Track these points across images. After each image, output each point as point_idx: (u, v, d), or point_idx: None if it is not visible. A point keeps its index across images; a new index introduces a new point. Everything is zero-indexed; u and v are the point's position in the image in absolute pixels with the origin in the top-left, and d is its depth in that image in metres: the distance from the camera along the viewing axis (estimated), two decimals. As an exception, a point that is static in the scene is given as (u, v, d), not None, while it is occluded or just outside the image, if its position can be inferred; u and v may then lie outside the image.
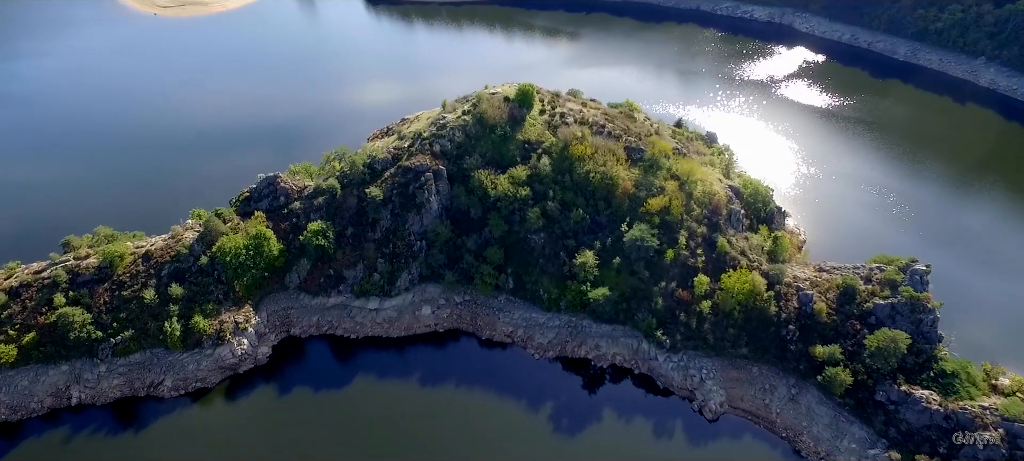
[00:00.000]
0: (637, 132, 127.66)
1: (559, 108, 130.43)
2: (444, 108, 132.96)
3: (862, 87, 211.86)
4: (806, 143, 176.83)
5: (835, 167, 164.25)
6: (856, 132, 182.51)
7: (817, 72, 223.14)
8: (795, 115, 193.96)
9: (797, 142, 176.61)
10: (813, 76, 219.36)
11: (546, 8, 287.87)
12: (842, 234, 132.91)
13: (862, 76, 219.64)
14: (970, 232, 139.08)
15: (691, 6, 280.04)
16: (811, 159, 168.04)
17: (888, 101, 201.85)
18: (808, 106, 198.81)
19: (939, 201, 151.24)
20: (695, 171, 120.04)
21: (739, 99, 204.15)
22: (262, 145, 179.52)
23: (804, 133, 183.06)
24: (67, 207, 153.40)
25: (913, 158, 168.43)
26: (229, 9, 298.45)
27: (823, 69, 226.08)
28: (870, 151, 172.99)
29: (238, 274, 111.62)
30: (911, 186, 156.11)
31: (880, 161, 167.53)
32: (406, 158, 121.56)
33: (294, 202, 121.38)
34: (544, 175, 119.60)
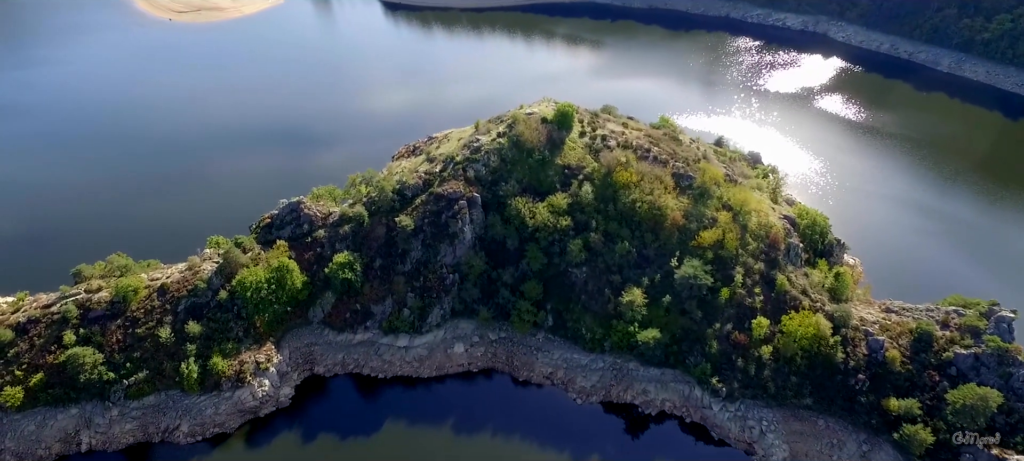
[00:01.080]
0: (685, 157, 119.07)
1: (600, 130, 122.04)
2: (477, 129, 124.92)
3: (905, 101, 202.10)
4: (850, 162, 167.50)
5: (886, 190, 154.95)
6: (904, 150, 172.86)
7: (856, 84, 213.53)
8: (836, 131, 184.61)
9: (841, 161, 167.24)
10: (852, 88, 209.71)
11: (570, 15, 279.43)
12: (904, 268, 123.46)
13: (904, 89, 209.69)
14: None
15: (720, 13, 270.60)
16: (858, 180, 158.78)
17: (934, 116, 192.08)
18: (849, 121, 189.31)
19: (1007, 232, 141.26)
20: (749, 201, 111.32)
21: (775, 113, 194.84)
22: (281, 160, 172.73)
23: (848, 151, 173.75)
24: (79, 227, 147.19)
25: (969, 181, 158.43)
26: (245, 15, 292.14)
27: (862, 81, 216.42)
28: (921, 172, 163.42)
29: (259, 310, 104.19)
30: (974, 214, 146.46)
31: (933, 184, 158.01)
32: (438, 184, 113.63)
33: (318, 230, 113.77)
34: (586, 204, 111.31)
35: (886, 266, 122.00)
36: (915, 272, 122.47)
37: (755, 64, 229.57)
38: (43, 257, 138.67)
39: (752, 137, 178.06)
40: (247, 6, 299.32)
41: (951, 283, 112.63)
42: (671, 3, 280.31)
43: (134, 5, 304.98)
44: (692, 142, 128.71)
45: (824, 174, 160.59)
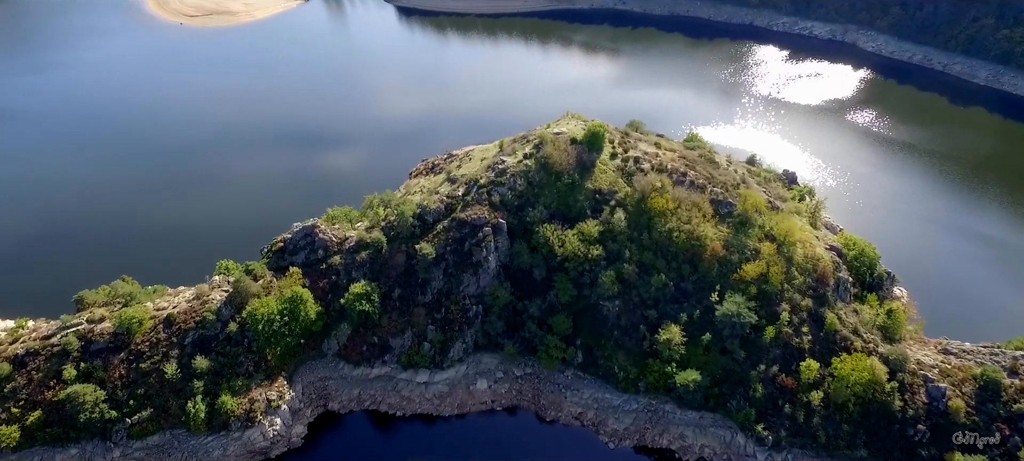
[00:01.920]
0: (723, 181, 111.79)
1: (632, 151, 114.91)
2: (501, 149, 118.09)
3: (941, 115, 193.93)
4: (889, 182, 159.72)
5: (929, 212, 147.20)
6: (946, 169, 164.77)
7: (889, 96, 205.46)
8: (871, 147, 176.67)
9: (878, 180, 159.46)
10: (885, 101, 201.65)
11: (589, 22, 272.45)
12: (958, 303, 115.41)
13: (940, 102, 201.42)
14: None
15: (744, 21, 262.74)
16: (898, 202, 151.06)
17: (974, 132, 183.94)
18: (884, 136, 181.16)
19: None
20: (794, 230, 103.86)
21: (805, 127, 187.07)
22: (294, 172, 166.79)
23: (885, 169, 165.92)
24: (85, 239, 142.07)
25: (1019, 204, 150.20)
26: (257, 19, 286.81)
27: (895, 93, 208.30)
28: (967, 193, 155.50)
29: (271, 343, 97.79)
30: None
31: (983, 207, 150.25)
32: (461, 208, 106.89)
33: (334, 256, 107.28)
34: (619, 232, 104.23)
35: (938, 300, 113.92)
36: (971, 307, 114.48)
37: (782, 74, 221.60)
38: (48, 269, 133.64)
39: (782, 153, 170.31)
40: (259, 10, 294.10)
41: (1013, 321, 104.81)
42: (693, 10, 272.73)
43: (145, 8, 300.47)
44: (729, 164, 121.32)
45: (862, 195, 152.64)
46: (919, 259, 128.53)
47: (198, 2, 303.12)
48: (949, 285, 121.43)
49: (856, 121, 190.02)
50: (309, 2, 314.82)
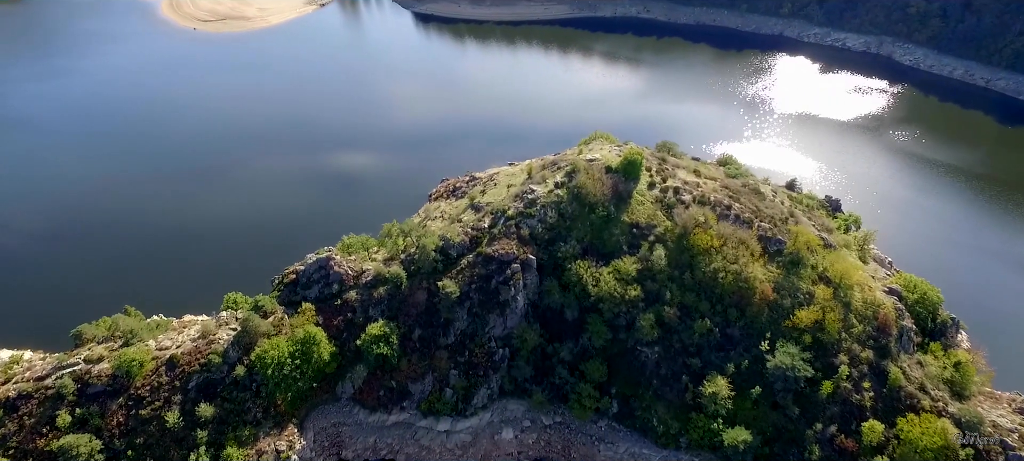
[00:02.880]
0: (770, 215, 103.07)
1: (671, 180, 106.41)
2: (530, 175, 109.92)
3: (988, 135, 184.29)
4: (937, 208, 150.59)
5: (985, 243, 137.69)
6: (995, 195, 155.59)
7: (930, 114, 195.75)
8: (914, 169, 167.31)
9: (926, 207, 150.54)
10: (926, 119, 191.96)
11: (612, 31, 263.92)
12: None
13: (986, 122, 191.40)
14: None
15: (774, 31, 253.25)
16: (950, 230, 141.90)
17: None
18: (928, 159, 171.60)
19: None
20: (851, 272, 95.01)
21: (841, 147, 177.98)
22: (308, 188, 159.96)
23: (931, 193, 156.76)
24: (89, 264, 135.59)
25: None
26: (271, 25, 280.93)
27: (936, 111, 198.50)
28: (1020, 223, 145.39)
29: (280, 388, 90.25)
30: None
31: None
32: (487, 242, 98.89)
33: (350, 291, 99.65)
34: (658, 271, 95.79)
35: (1005, 347, 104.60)
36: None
37: (814, 89, 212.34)
38: (52, 288, 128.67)
39: (819, 175, 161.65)
40: (273, 16, 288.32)
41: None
42: (720, 19, 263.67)
43: (159, 13, 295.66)
44: (775, 196, 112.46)
45: (909, 223, 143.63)
46: (978, 298, 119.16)
47: (212, 7, 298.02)
48: (1015, 329, 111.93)
49: (896, 141, 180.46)
50: (324, 7, 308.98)
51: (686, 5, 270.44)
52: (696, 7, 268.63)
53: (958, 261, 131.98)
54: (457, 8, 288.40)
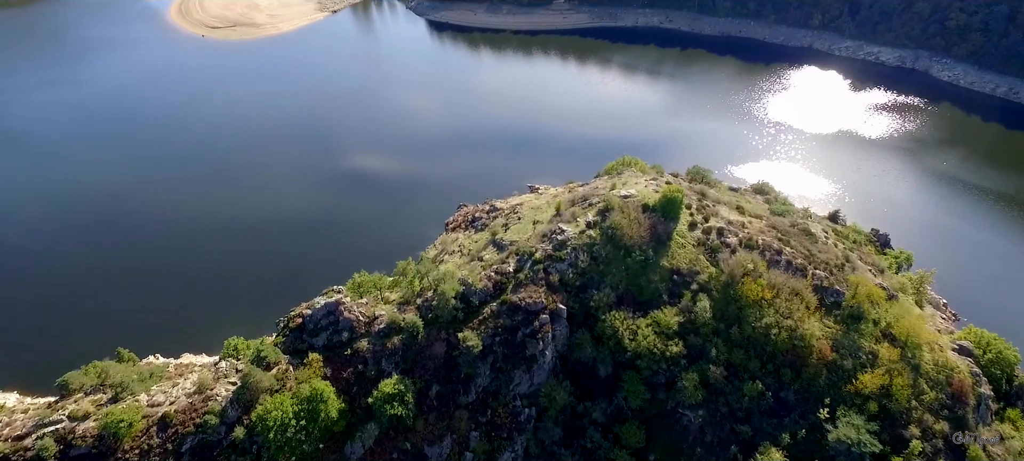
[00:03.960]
0: (825, 261, 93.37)
1: (713, 220, 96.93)
2: (558, 212, 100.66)
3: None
4: (987, 241, 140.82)
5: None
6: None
7: (972, 135, 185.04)
8: (963, 198, 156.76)
9: (975, 240, 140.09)
10: (969, 141, 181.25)
11: (634, 41, 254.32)
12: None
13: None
14: None
15: (803, 44, 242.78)
16: (1004, 268, 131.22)
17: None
18: (973, 185, 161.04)
19: None
20: (918, 329, 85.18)
21: (879, 170, 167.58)
22: (315, 209, 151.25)
23: (981, 225, 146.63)
24: (84, 294, 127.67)
25: None
26: (282, 32, 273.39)
27: (979, 131, 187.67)
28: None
29: (283, 451, 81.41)
30: None
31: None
32: (512, 289, 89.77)
33: (361, 340, 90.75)
34: (702, 324, 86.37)
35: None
36: None
37: (848, 105, 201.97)
38: (42, 320, 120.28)
39: (860, 203, 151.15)
40: (284, 23, 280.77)
41: None
42: (746, 30, 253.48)
43: (168, 19, 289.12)
44: (827, 237, 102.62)
45: (962, 256, 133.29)
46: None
47: (222, 12, 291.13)
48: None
49: (940, 164, 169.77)
50: (336, 14, 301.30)
51: (710, 15, 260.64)
52: (721, 17, 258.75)
53: (1018, 302, 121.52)
54: (472, 16, 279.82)
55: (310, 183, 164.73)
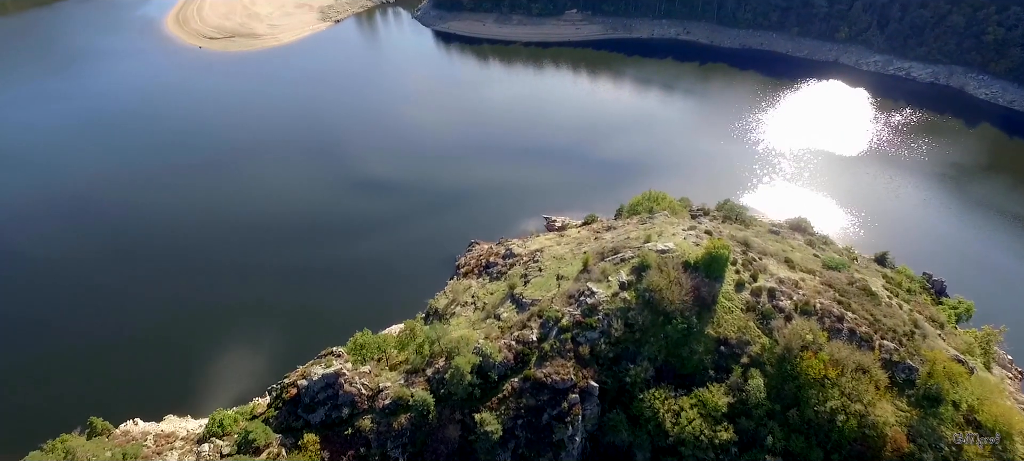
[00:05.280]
0: (892, 328, 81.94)
1: (762, 278, 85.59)
2: (586, 268, 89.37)
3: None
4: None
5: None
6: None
7: (1019, 160, 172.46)
8: (1013, 232, 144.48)
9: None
10: (1017, 167, 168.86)
11: (650, 54, 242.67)
12: None
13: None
14: None
15: (828, 58, 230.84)
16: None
17: None
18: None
19: None
20: (1010, 416, 73.58)
21: (919, 201, 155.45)
22: (309, 248, 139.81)
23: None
24: (59, 340, 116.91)
25: None
26: (282, 43, 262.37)
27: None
28: None
29: (274, 555, 70.60)
30: None
31: None
32: (536, 362, 78.66)
33: (363, 416, 79.79)
34: (756, 405, 75.11)
35: None
36: None
37: (879, 125, 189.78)
38: (13, 377, 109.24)
39: (898, 235, 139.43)
40: (285, 33, 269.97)
41: None
42: (768, 43, 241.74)
43: (164, 29, 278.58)
44: (890, 297, 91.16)
45: (1020, 303, 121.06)
46: None
47: (220, 22, 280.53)
48: None
49: (984, 193, 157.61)
50: (339, 24, 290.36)
51: (730, 27, 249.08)
52: (741, 29, 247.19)
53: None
54: (481, 27, 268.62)
55: (308, 210, 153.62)
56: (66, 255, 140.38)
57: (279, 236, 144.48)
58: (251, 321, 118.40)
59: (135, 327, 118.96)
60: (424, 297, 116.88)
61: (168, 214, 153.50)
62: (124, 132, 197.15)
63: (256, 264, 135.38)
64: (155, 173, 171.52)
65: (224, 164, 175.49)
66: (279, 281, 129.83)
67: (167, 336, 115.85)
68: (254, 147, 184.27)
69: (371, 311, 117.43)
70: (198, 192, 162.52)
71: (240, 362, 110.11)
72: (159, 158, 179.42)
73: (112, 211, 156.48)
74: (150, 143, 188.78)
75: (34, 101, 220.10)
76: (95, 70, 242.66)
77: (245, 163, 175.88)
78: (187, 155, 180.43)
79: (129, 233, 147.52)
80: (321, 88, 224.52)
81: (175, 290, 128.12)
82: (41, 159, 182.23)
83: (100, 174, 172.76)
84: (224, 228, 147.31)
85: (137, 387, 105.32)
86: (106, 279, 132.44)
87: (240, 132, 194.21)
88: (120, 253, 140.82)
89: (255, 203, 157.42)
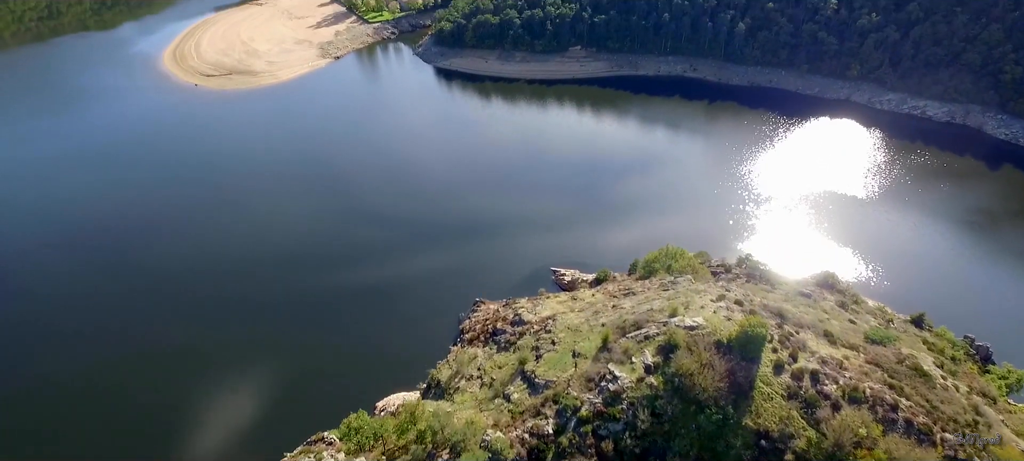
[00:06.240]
0: (952, 416, 73.14)
1: (802, 357, 76.93)
2: (605, 345, 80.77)
3: None
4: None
5: None
6: None
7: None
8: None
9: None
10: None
11: (657, 92, 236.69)
12: None
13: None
14: None
15: (840, 96, 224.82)
16: None
17: None
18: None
19: None
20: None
21: (949, 252, 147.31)
22: (297, 316, 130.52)
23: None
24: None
25: None
26: (280, 81, 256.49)
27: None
28: None
29: None
30: None
31: None
32: (553, 458, 69.64)
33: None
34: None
35: None
36: None
37: (896, 167, 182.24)
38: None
39: (930, 292, 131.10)
40: (284, 70, 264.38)
41: None
42: (777, 81, 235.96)
43: (160, 66, 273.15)
44: (942, 377, 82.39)
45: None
46: None
47: (218, 59, 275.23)
48: None
49: (1020, 244, 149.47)
50: (339, 61, 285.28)
51: (738, 64, 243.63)
52: (750, 66, 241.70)
53: None
54: (484, 64, 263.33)
55: (302, 262, 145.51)
56: (40, 293, 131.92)
57: (271, 288, 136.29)
58: (237, 377, 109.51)
59: (107, 385, 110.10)
60: (425, 360, 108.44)
61: (149, 268, 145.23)
62: (109, 176, 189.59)
63: (245, 319, 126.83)
64: (135, 226, 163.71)
65: (208, 221, 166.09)
66: (269, 340, 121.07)
67: (141, 402, 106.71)
68: (240, 198, 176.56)
69: (367, 377, 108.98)
70: (181, 250, 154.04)
71: (224, 430, 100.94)
72: (139, 211, 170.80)
73: (96, 254, 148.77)
74: (127, 195, 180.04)
75: (24, 142, 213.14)
76: (87, 110, 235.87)
77: (229, 218, 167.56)
78: (166, 211, 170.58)
79: (98, 284, 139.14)
80: (317, 132, 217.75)
81: (156, 346, 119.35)
82: (29, 200, 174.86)
83: (90, 217, 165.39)
84: (211, 286, 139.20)
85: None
86: (75, 326, 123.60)
87: (226, 178, 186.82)
88: (91, 300, 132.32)
89: (246, 256, 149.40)
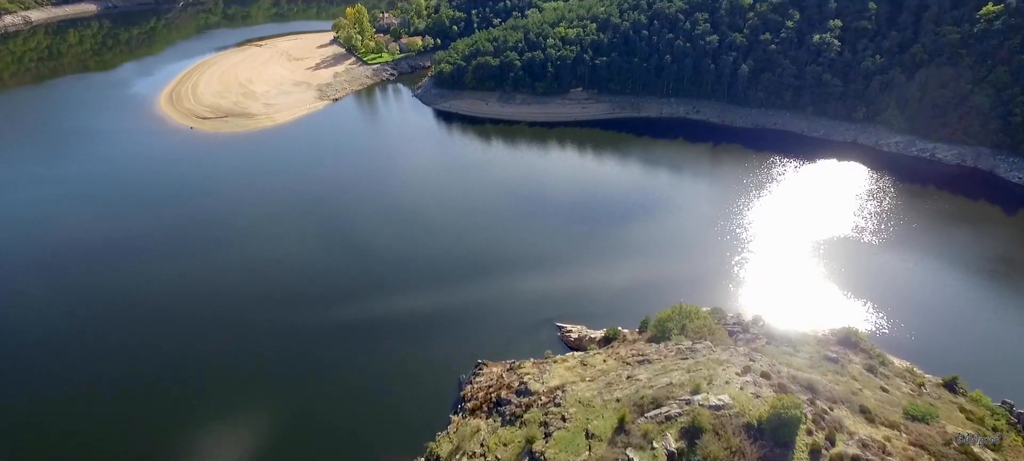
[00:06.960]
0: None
1: (841, 441, 69.96)
2: (622, 426, 73.61)
3: None
4: None
5: None
6: None
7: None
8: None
9: None
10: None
11: (660, 135, 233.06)
12: None
13: None
14: None
15: (846, 138, 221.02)
16: None
17: None
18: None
19: None
20: None
21: (969, 303, 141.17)
22: (284, 377, 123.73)
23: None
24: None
25: None
26: (277, 124, 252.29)
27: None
28: None
29: None
30: None
31: None
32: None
33: None
34: None
35: None
36: None
37: (906, 212, 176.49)
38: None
39: (958, 349, 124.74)
40: (281, 113, 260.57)
41: None
42: (782, 123, 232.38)
43: (156, 109, 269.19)
44: (995, 458, 75.49)
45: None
46: None
47: (214, 101, 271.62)
48: None
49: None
50: (338, 103, 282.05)
51: (742, 106, 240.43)
52: (754, 108, 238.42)
53: None
54: (484, 106, 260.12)
55: (291, 315, 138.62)
56: (28, 337, 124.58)
57: (263, 333, 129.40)
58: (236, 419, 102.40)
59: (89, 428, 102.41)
60: (422, 421, 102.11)
61: (136, 311, 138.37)
62: (93, 225, 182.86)
63: (230, 384, 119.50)
64: (121, 273, 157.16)
65: (194, 269, 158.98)
66: (255, 405, 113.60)
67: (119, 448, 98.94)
68: (233, 236, 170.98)
69: (360, 437, 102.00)
70: (166, 298, 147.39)
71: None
72: (122, 258, 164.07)
73: (85, 297, 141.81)
74: (111, 243, 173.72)
75: (14, 188, 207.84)
76: (71, 155, 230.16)
77: (222, 257, 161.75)
78: (153, 262, 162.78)
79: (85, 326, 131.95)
80: (313, 176, 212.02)
81: (138, 392, 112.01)
82: (19, 245, 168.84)
83: (75, 265, 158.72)
84: (195, 334, 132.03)
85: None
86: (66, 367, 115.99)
87: (216, 221, 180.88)
88: (78, 341, 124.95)
89: (237, 299, 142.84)
